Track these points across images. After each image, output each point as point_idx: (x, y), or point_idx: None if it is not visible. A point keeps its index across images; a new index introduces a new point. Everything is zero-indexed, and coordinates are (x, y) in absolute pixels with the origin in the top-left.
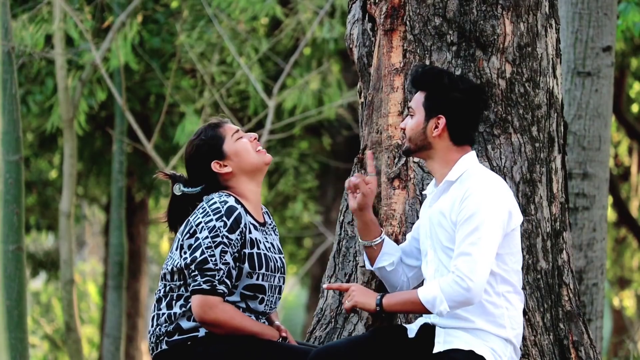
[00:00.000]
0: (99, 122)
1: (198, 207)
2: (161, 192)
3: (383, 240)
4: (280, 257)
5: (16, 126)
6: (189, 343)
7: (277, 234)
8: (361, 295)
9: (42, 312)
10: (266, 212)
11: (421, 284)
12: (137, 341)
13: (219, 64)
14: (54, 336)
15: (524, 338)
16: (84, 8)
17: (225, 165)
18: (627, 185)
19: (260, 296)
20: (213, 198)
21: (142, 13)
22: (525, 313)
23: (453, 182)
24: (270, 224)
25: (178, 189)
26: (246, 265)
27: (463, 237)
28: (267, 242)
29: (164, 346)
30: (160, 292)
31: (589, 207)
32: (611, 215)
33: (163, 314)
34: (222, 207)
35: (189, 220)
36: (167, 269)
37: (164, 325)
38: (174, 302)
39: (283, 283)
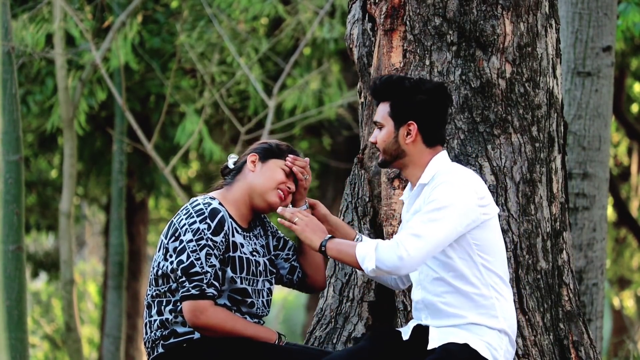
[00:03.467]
0: (99, 122)
1: (182, 208)
2: (161, 192)
3: (360, 240)
4: (264, 260)
5: (16, 126)
6: (184, 345)
7: (270, 233)
8: (311, 231)
9: (42, 312)
10: (266, 219)
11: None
12: (137, 341)
13: (219, 64)
14: (54, 336)
15: (523, 338)
16: (84, 8)
17: (253, 171)
18: (627, 185)
19: (249, 300)
20: (197, 200)
21: (142, 13)
22: (525, 313)
23: (426, 185)
24: (257, 228)
25: (231, 163)
26: (229, 268)
27: (420, 214)
28: (250, 246)
29: (160, 350)
30: (147, 298)
31: (589, 207)
32: (611, 215)
33: (155, 320)
34: (206, 209)
35: (172, 222)
36: (154, 274)
37: (157, 331)
38: (163, 307)
39: (270, 286)
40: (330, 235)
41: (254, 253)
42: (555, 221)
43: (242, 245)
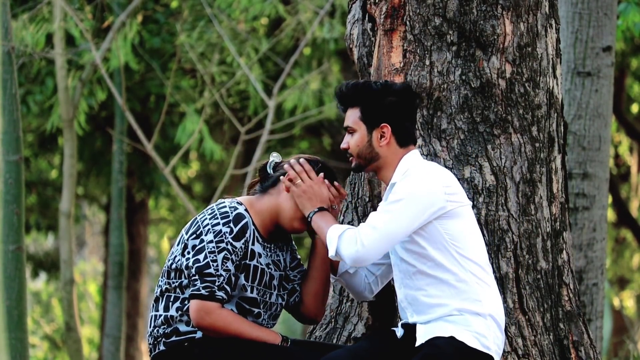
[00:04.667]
0: (99, 122)
1: (207, 207)
2: (161, 192)
3: None
4: (279, 274)
5: (16, 126)
6: (185, 344)
7: (290, 249)
8: (307, 198)
9: (42, 312)
10: (290, 235)
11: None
12: (137, 341)
13: (219, 64)
14: (54, 336)
15: (523, 338)
16: (84, 8)
17: (288, 191)
18: (627, 185)
19: (256, 310)
20: (224, 202)
21: (142, 13)
22: (525, 313)
23: (397, 183)
24: (280, 242)
25: (270, 164)
26: (242, 276)
27: (381, 205)
28: (268, 258)
29: (162, 347)
30: (157, 291)
31: (589, 207)
32: (611, 215)
33: (160, 315)
34: (231, 212)
35: (196, 219)
36: (167, 266)
37: (161, 327)
38: (170, 303)
39: (282, 301)
40: (321, 207)
41: (271, 266)
42: (555, 221)
43: (260, 256)
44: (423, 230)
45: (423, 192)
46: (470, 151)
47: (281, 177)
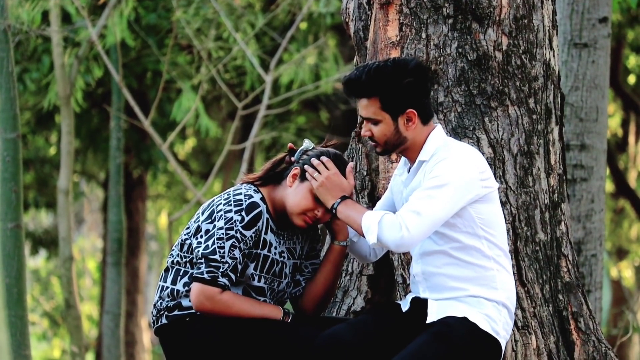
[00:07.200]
0: (96, 99)
1: (226, 191)
2: (158, 169)
3: None
4: (293, 263)
5: (13, 104)
6: (187, 319)
7: (310, 239)
8: (325, 190)
9: (42, 289)
10: (317, 232)
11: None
12: (137, 317)
13: (216, 39)
14: (54, 313)
15: (523, 310)
16: None
17: (290, 186)
18: (624, 155)
19: (262, 299)
20: (241, 189)
21: None
22: (524, 285)
23: (426, 162)
24: (298, 232)
25: (300, 151)
26: (252, 265)
27: (421, 190)
28: (282, 246)
29: (164, 320)
30: (169, 261)
31: (587, 179)
32: (609, 186)
33: (167, 287)
34: (245, 200)
35: (213, 201)
36: (182, 239)
37: (166, 299)
38: (179, 277)
39: (293, 288)
40: (344, 196)
41: (284, 254)
42: (553, 193)
43: (272, 245)
44: (456, 214)
45: (463, 178)
46: (468, 124)
47: (305, 167)
